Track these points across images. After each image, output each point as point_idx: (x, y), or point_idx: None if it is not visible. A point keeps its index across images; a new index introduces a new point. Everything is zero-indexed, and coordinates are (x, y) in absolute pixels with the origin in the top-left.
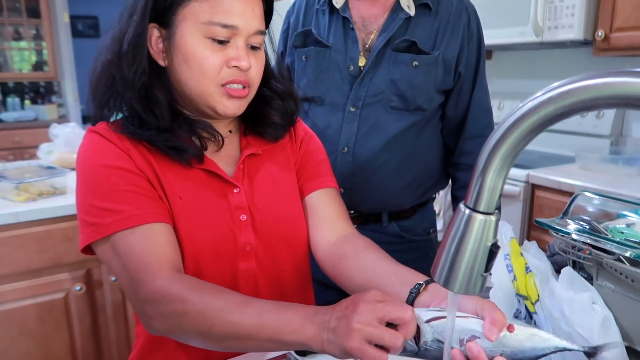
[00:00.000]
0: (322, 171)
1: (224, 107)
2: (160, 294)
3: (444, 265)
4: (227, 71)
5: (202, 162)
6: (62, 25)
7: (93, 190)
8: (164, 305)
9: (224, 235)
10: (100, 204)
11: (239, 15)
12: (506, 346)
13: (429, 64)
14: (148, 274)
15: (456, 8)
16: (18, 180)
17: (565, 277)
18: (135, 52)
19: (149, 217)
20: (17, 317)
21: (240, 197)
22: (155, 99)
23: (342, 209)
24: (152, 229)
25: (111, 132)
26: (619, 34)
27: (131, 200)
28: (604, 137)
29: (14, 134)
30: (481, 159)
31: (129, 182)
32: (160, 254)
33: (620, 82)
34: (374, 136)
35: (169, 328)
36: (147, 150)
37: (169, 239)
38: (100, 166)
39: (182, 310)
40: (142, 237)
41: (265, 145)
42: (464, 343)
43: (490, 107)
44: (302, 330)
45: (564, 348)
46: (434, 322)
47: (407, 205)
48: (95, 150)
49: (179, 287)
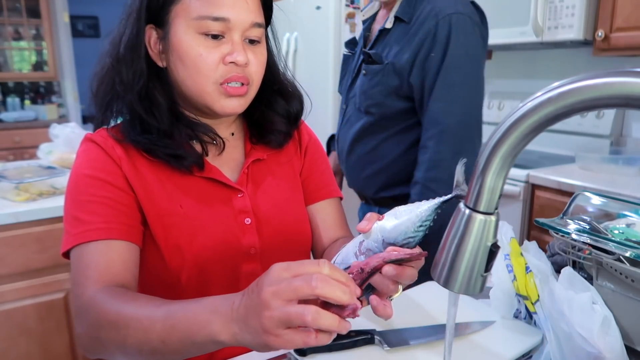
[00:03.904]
0: (327, 180)
1: (222, 106)
2: (85, 306)
3: (444, 265)
4: (224, 68)
5: (202, 170)
6: (62, 25)
7: (73, 199)
8: (86, 315)
9: (227, 239)
10: (75, 213)
11: (231, 7)
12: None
13: (375, 73)
14: (83, 286)
15: (424, 17)
16: (18, 180)
17: (565, 277)
18: (132, 55)
19: (112, 232)
20: (17, 317)
21: (244, 201)
22: (155, 101)
23: (343, 217)
24: (110, 245)
25: (108, 139)
26: (619, 34)
27: (102, 213)
28: (604, 137)
29: (14, 134)
30: (481, 159)
31: (106, 195)
32: (103, 269)
33: (620, 82)
34: (348, 129)
35: (91, 345)
36: (144, 158)
37: (123, 257)
38: (83, 175)
39: (100, 319)
40: (96, 251)
41: (269, 150)
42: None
43: (441, 120)
44: (209, 324)
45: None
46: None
47: (371, 192)
48: (85, 158)
49: (101, 297)
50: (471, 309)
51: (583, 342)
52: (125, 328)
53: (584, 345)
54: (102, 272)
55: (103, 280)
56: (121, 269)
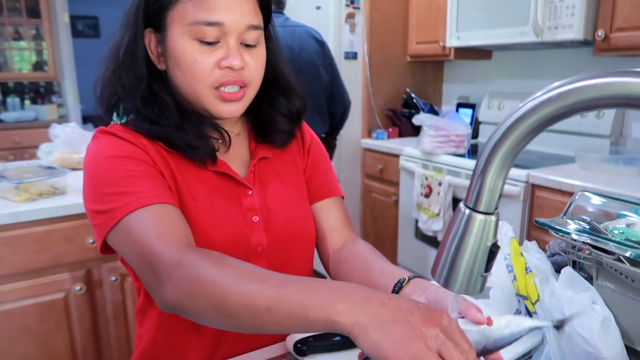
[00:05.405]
0: (328, 179)
1: (219, 110)
2: (174, 261)
3: (444, 265)
4: (219, 72)
5: (215, 163)
6: (62, 25)
7: (107, 179)
8: (176, 271)
9: (236, 236)
10: (115, 189)
11: (224, 10)
12: (488, 337)
13: None
14: (162, 243)
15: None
16: (18, 180)
17: (565, 277)
18: (132, 59)
19: (162, 198)
20: (17, 317)
21: (252, 199)
22: (162, 101)
23: (346, 217)
24: (166, 207)
25: (127, 131)
26: (619, 34)
27: (145, 184)
28: (604, 137)
29: (14, 134)
30: (481, 159)
31: (143, 169)
32: (174, 228)
33: (620, 82)
34: None
35: (180, 297)
36: (164, 150)
37: (182, 219)
38: (112, 157)
39: (196, 275)
40: (155, 213)
41: (274, 150)
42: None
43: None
44: (332, 303)
45: (536, 327)
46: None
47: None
48: (107, 145)
49: (193, 255)
50: None
51: (583, 342)
52: (227, 287)
53: (584, 345)
54: (174, 231)
55: (180, 238)
56: (186, 229)
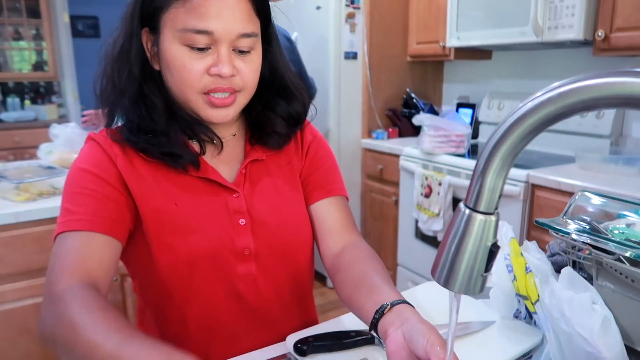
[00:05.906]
0: (330, 178)
1: (208, 115)
2: (56, 296)
3: (444, 265)
4: (208, 79)
5: (198, 169)
6: (62, 25)
7: (67, 191)
8: (54, 307)
9: (221, 239)
10: (65, 204)
11: (215, 18)
12: None
13: None
14: (59, 274)
15: None
16: (18, 180)
17: (565, 277)
18: (125, 59)
19: (95, 225)
20: (17, 317)
21: (239, 202)
22: (151, 103)
23: (348, 218)
24: (91, 237)
25: (107, 138)
26: (619, 34)
27: (88, 205)
28: (604, 137)
29: (14, 134)
30: (481, 159)
31: (95, 189)
32: (80, 262)
33: (620, 82)
34: None
35: (47, 333)
36: (141, 157)
37: (101, 253)
38: (79, 169)
39: (62, 316)
40: (77, 241)
41: (268, 151)
42: None
43: None
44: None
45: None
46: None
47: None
48: (83, 155)
49: (73, 295)
50: (471, 309)
51: (583, 342)
52: (79, 334)
53: (584, 345)
54: (78, 264)
55: (78, 274)
56: (97, 265)
